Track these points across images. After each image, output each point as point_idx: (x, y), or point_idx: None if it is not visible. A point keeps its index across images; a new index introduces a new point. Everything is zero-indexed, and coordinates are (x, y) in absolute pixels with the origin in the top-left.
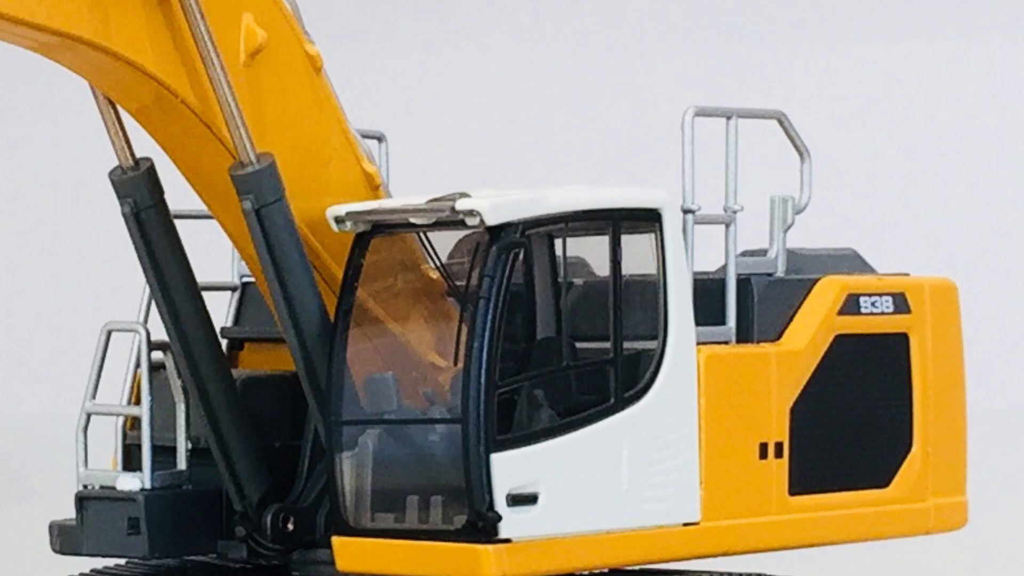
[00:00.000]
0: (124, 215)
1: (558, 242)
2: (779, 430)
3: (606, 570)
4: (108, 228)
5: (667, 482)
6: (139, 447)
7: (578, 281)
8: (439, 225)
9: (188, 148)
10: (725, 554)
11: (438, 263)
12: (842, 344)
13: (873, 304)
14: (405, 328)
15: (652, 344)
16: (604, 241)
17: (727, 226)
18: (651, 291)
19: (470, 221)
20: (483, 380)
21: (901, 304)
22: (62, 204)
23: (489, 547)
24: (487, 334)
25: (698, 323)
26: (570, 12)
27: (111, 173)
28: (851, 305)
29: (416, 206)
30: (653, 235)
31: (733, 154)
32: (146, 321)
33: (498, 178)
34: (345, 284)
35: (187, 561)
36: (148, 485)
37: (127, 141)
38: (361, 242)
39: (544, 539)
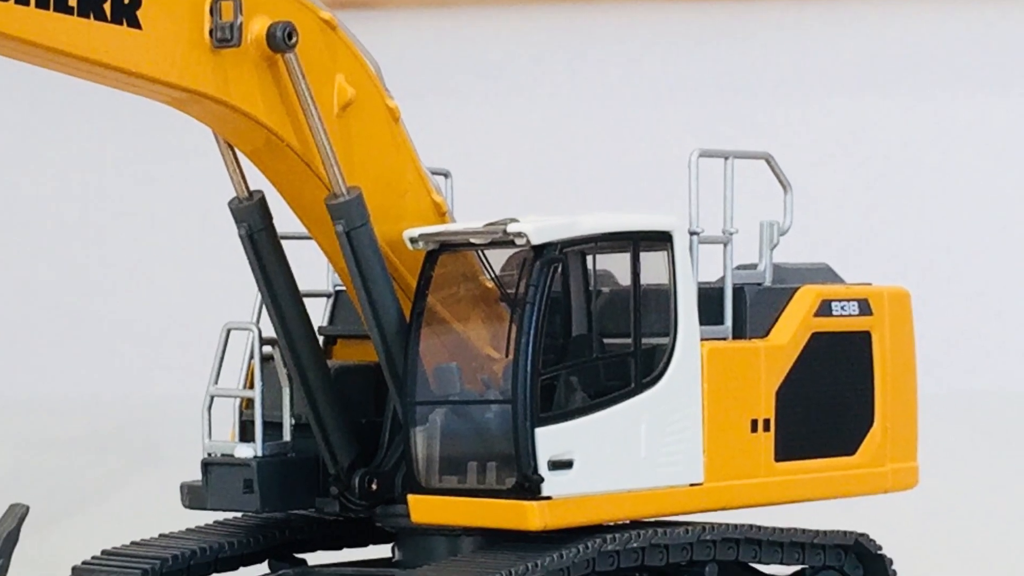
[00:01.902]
0: (240, 236)
1: (589, 258)
2: (766, 409)
3: (627, 521)
4: (229, 247)
5: (676, 450)
6: (252, 423)
7: (605, 289)
8: (493, 244)
9: (292, 182)
10: (723, 509)
11: (493, 275)
12: (817, 340)
13: (842, 308)
14: (466, 327)
15: (665, 340)
16: (626, 257)
17: (725, 245)
18: (664, 297)
19: (518, 241)
20: (529, 369)
21: (865, 308)
22: (193, 227)
23: (533, 503)
24: (532, 332)
25: (701, 323)
26: (599, 73)
27: (230, 202)
28: (824, 309)
29: (475, 229)
30: (666, 252)
31: (730, 187)
32: (258, 321)
33: (541, 206)
34: (418, 292)
35: (291, 514)
36: (259, 453)
37: (243, 176)
38: (431, 258)
39: (578, 496)
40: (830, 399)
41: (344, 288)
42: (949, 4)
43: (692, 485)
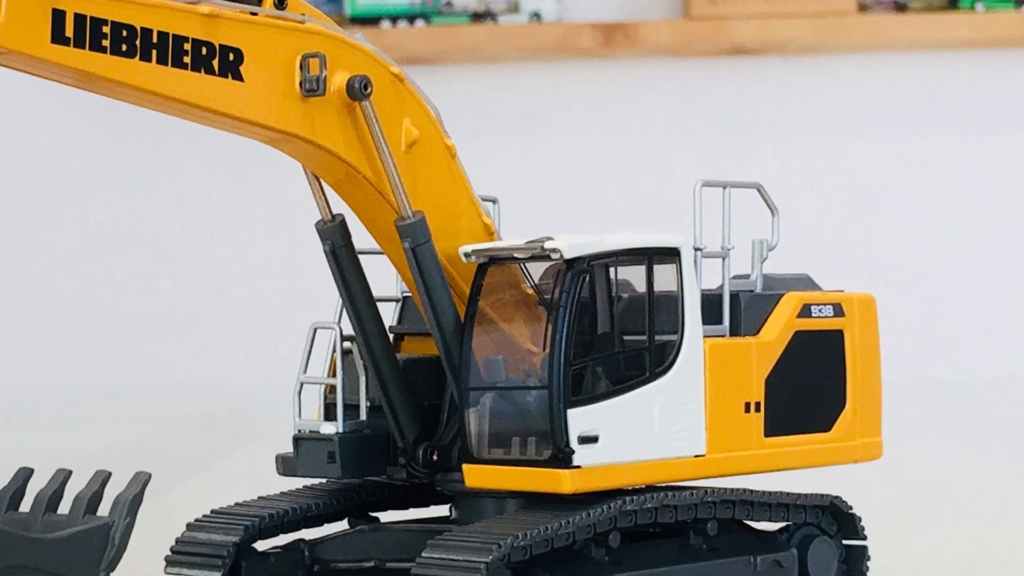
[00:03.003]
0: (325, 252)
1: (612, 269)
2: (757, 394)
3: (643, 485)
4: (316, 261)
5: (683, 427)
6: (334, 405)
7: (624, 295)
8: (533, 258)
9: (367, 207)
10: (721, 476)
11: (532, 283)
12: (799, 337)
13: (820, 311)
14: (510, 326)
15: (673, 337)
16: (642, 268)
17: (723, 259)
18: (673, 302)
19: (553, 255)
20: (562, 360)
21: (838, 311)
22: (287, 244)
23: (565, 471)
24: (564, 330)
25: (703, 323)
26: (619, 118)
27: (316, 224)
28: (805, 311)
29: (518, 246)
30: (674, 265)
31: (727, 211)
32: (339, 322)
33: (572, 226)
34: (471, 297)
35: (366, 480)
36: (340, 430)
37: (327, 202)
38: (481, 270)
39: (602, 465)
40: (809, 385)
41: (410, 294)
42: (905, 62)
43: (696, 456)
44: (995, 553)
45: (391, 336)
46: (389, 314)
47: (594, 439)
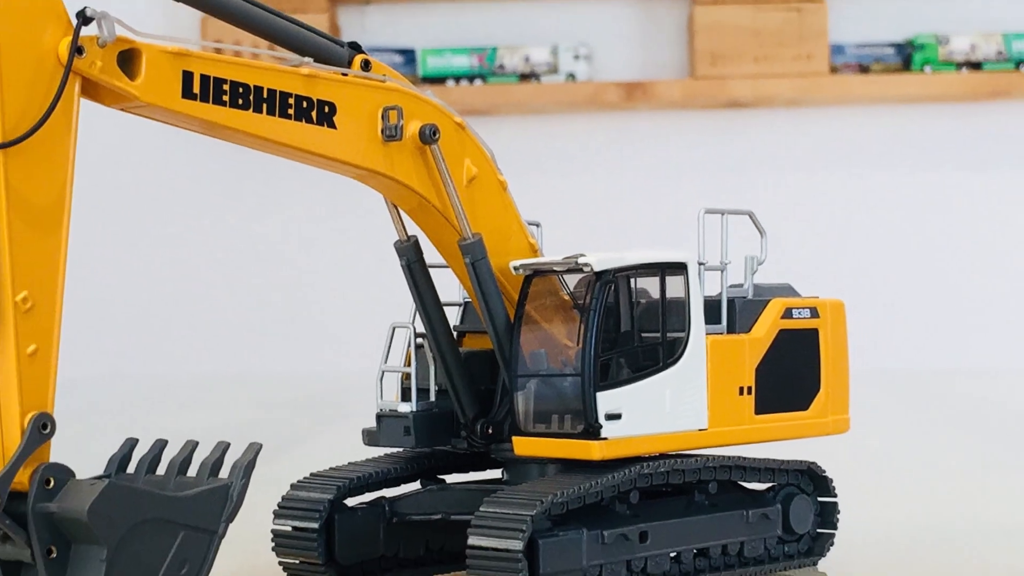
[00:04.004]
0: (401, 266)
1: (632, 280)
2: (749, 380)
3: (658, 453)
4: (394, 272)
5: (689, 407)
6: (409, 389)
7: (642, 301)
8: (569, 271)
9: (435, 230)
10: (720, 446)
11: (568, 291)
12: (783, 334)
13: (799, 313)
14: (550, 326)
15: (681, 334)
16: (656, 279)
17: (721, 271)
18: (681, 306)
19: (585, 269)
20: (592, 353)
21: (814, 313)
22: (372, 260)
23: (595, 442)
24: (594, 328)
25: (706, 323)
26: (640, 157)
27: (395, 243)
28: (788, 314)
29: (556, 261)
30: (682, 276)
31: (725, 233)
32: (413, 321)
33: (600, 245)
34: (519, 302)
35: (434, 450)
36: (414, 409)
37: (403, 226)
38: (527, 280)
39: (624, 438)
40: (791, 373)
41: (470, 300)
42: (867, 114)
43: (700, 430)
44: (940, 508)
45: (455, 333)
46: (453, 316)
47: (618, 416)
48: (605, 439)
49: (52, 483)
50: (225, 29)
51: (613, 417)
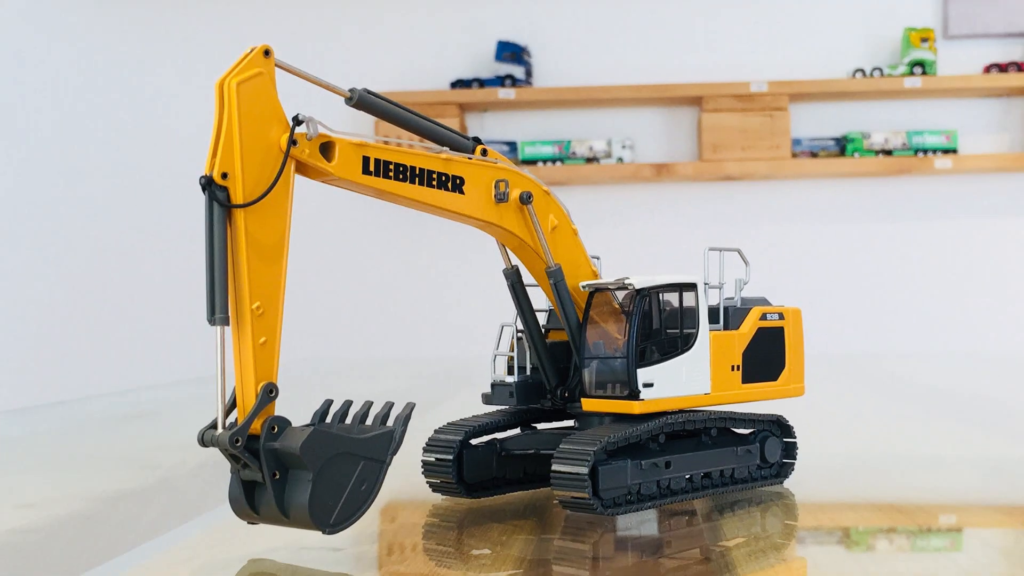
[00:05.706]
0: (508, 286)
1: (660, 294)
2: (737, 360)
3: (677, 410)
4: (500, 289)
5: (699, 378)
6: (513, 367)
7: (667, 308)
8: (619, 289)
9: (530, 262)
10: (718, 405)
11: (618, 302)
12: (760, 331)
13: (771, 316)
14: (606, 325)
15: (693, 330)
16: (676, 294)
17: (719, 289)
18: (693, 312)
19: (629, 287)
20: (634, 343)
21: (781, 316)
22: (486, 283)
23: (636, 402)
24: (636, 326)
25: (709, 323)
26: (665, 215)
27: (503, 270)
28: (763, 317)
29: (610, 282)
30: (694, 292)
31: (722, 263)
32: (515, 322)
33: (639, 270)
34: (585, 310)
35: (530, 407)
36: (516, 380)
37: (508, 258)
38: (591, 295)
39: (655, 399)
40: (765, 356)
41: (553, 308)
42: (817, 185)
43: (705, 394)
44: (870, 445)
45: (543, 330)
46: (543, 318)
47: (651, 385)
48: (643, 400)
49: (276, 429)
50: (391, 128)
51: (648, 385)
